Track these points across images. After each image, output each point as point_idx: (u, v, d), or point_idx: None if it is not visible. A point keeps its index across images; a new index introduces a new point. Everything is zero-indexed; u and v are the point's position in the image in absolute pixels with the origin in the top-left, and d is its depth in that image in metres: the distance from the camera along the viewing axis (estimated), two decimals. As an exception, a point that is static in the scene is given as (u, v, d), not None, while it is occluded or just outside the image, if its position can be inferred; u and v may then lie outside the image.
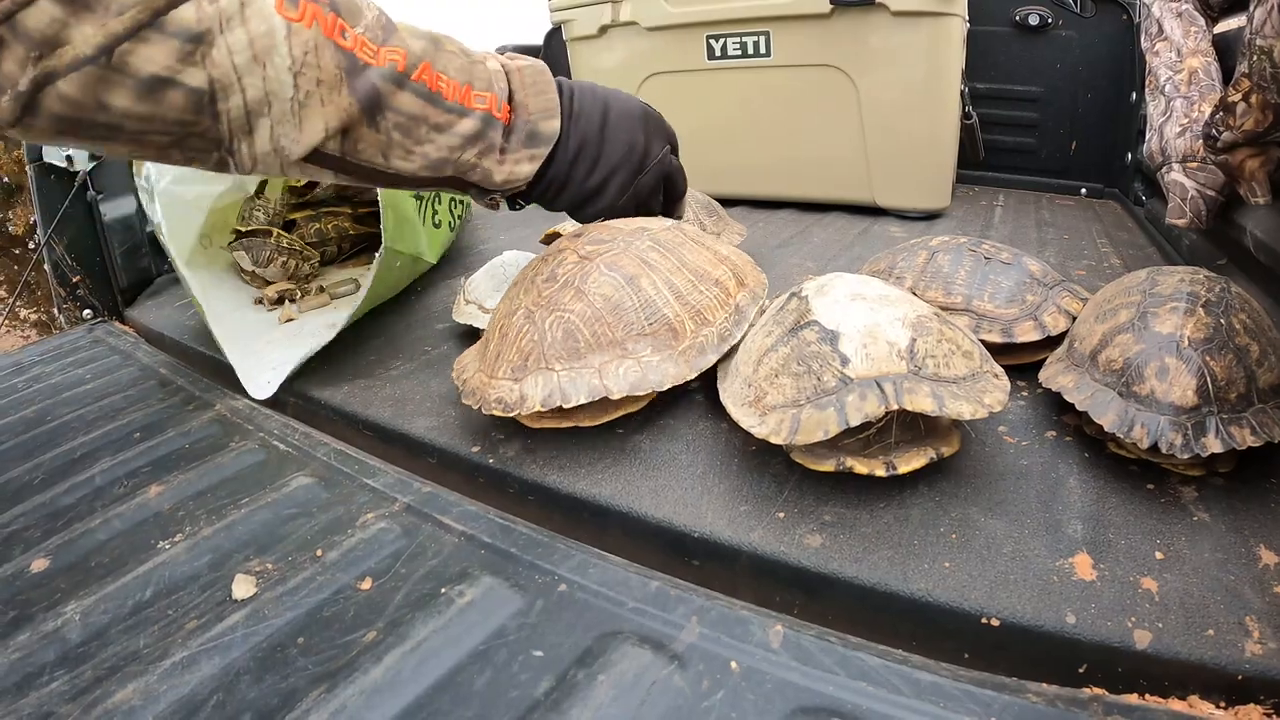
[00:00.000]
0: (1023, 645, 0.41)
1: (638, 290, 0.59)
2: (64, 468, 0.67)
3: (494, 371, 0.59)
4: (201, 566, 0.51)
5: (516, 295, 0.63)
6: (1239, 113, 0.65)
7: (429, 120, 0.57)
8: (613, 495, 0.54)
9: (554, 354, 0.57)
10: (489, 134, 0.60)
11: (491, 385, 0.58)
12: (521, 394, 0.56)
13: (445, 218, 1.06)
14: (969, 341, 0.53)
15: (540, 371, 0.57)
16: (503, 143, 0.61)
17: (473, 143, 0.59)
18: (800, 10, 1.24)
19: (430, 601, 0.45)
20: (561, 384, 0.56)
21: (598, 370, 0.57)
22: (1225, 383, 0.48)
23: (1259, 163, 0.69)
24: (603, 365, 0.57)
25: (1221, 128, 0.68)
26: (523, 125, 0.62)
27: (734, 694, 0.37)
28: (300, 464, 0.62)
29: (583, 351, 0.57)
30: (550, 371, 0.57)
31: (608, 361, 0.57)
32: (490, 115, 0.60)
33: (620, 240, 0.63)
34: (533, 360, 0.57)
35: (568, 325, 0.58)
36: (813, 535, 0.48)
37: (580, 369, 0.57)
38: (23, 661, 0.43)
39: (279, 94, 0.49)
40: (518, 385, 0.57)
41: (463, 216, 1.18)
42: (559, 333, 0.57)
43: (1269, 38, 0.57)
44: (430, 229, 0.99)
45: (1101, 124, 1.53)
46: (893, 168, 1.30)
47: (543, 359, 0.57)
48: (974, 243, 0.71)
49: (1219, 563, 0.43)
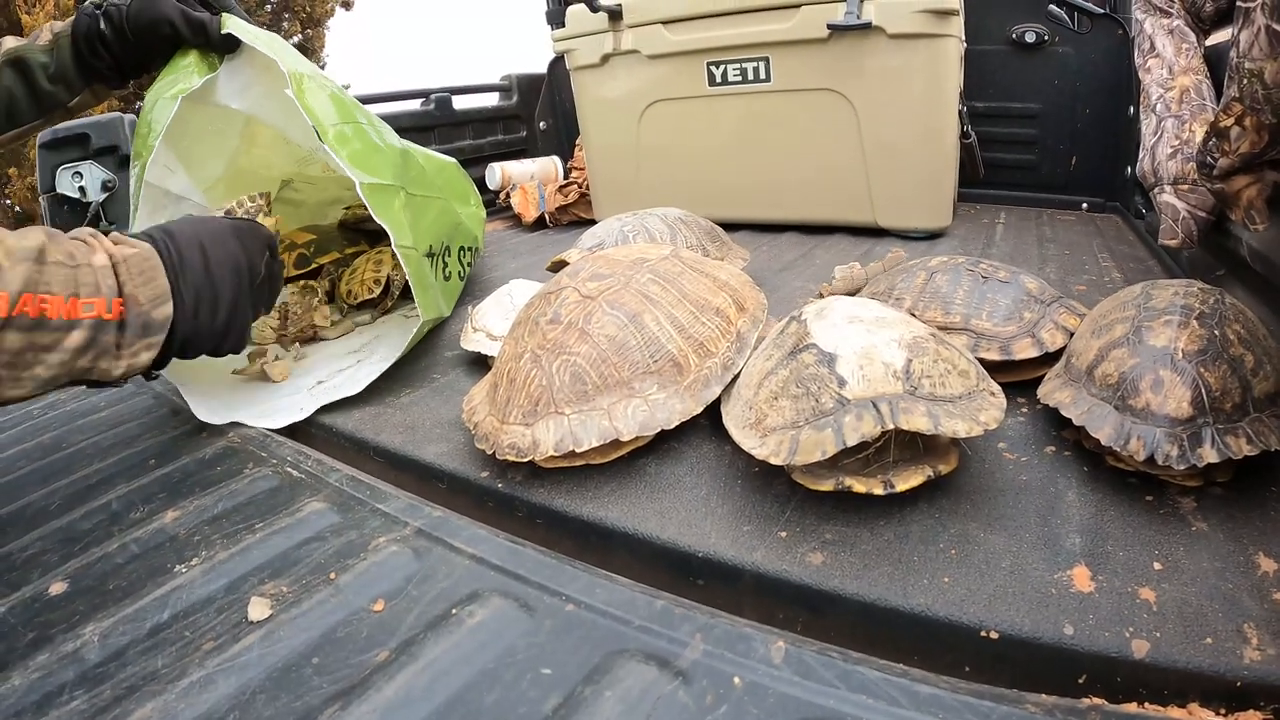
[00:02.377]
0: (1022, 657, 0.41)
1: (641, 328, 0.61)
2: (80, 493, 0.68)
3: (505, 416, 0.60)
4: (218, 589, 0.52)
5: (521, 337, 0.63)
6: (1234, 137, 0.66)
7: (35, 345, 0.55)
8: (619, 518, 0.55)
9: (563, 398, 0.58)
10: (100, 339, 0.59)
11: (504, 431, 0.59)
12: (534, 440, 0.58)
13: (455, 268, 1.07)
14: (965, 361, 0.54)
15: (551, 416, 0.58)
16: (118, 339, 0.60)
17: (83, 352, 0.58)
18: (799, 36, 1.27)
19: (441, 622, 0.46)
20: (573, 429, 0.57)
21: (607, 411, 0.58)
22: (1220, 393, 0.49)
23: (1256, 190, 0.70)
24: (611, 406, 0.58)
25: (1216, 154, 0.69)
26: (136, 319, 0.61)
27: (737, 708, 0.37)
28: (313, 490, 0.63)
29: (590, 394, 0.58)
30: (560, 416, 0.58)
31: (616, 402, 0.58)
32: (100, 320, 0.58)
33: (620, 275, 0.64)
34: (542, 405, 0.58)
35: (575, 369, 0.59)
36: (814, 553, 0.48)
37: (589, 411, 0.58)
38: (43, 681, 0.44)
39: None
40: (529, 431, 0.58)
41: (471, 264, 1.19)
42: (566, 376, 0.59)
43: (1258, 60, 0.58)
44: (442, 283, 1.00)
45: (1101, 139, 1.54)
46: (894, 188, 1.32)
47: (552, 403, 0.58)
48: (972, 262, 0.72)
49: (1217, 571, 0.44)
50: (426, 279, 0.88)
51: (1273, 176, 0.69)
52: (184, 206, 0.92)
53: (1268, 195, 0.71)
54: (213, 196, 0.94)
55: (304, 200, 1.18)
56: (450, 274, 1.05)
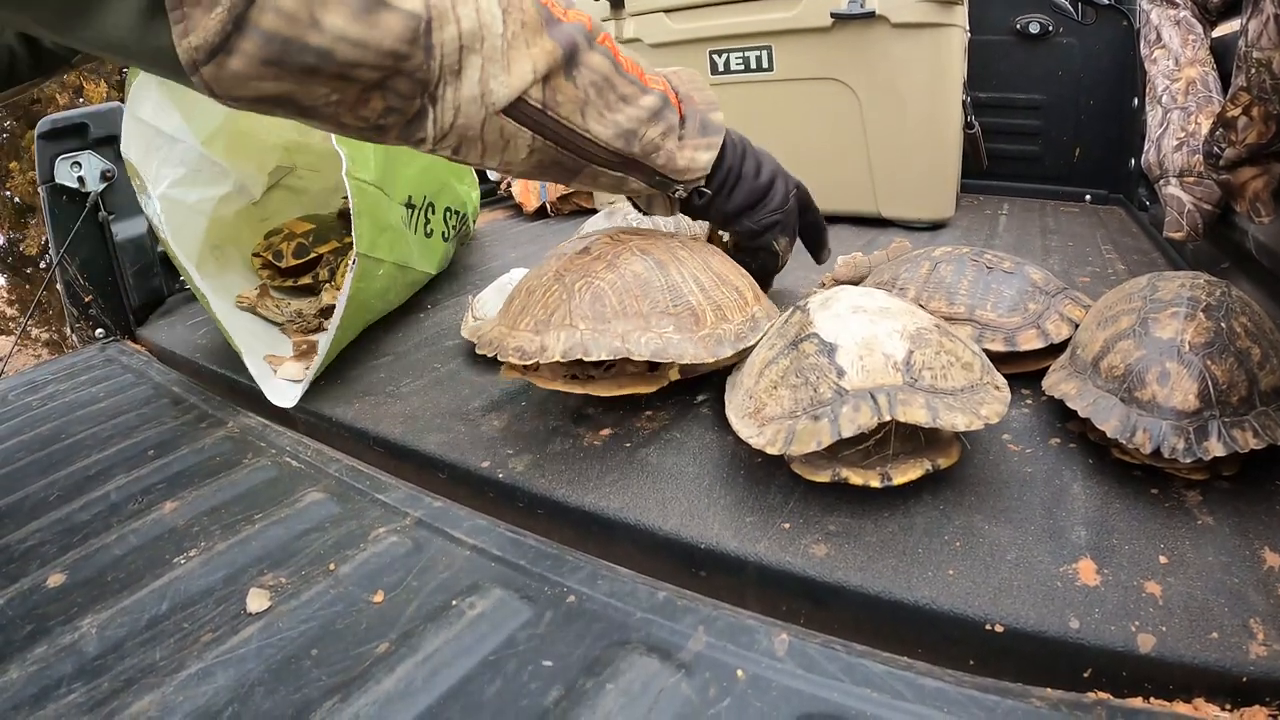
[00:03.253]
0: (1027, 651, 0.41)
1: (666, 274, 0.61)
2: (79, 484, 0.68)
3: (516, 324, 0.59)
4: (216, 581, 0.51)
5: (546, 264, 0.64)
6: (1240, 127, 0.65)
7: (615, 88, 0.56)
8: (620, 508, 0.55)
9: (580, 313, 0.58)
10: (667, 114, 0.60)
11: (511, 335, 0.59)
12: (542, 344, 0.57)
13: (439, 227, 1.07)
14: (970, 353, 0.53)
15: (564, 327, 0.58)
16: (680, 128, 0.61)
17: (656, 119, 0.59)
18: (802, 24, 1.26)
19: (441, 613, 0.45)
20: (584, 339, 0.56)
21: (621, 335, 0.58)
22: (1227, 386, 0.48)
23: (1263, 183, 0.69)
24: (626, 332, 0.58)
25: (1223, 144, 0.68)
26: (694, 114, 0.62)
27: (740, 701, 0.37)
28: (313, 480, 0.63)
29: (608, 316, 0.58)
30: (574, 328, 0.57)
31: (631, 330, 0.58)
32: (666, 96, 0.60)
33: (652, 234, 0.66)
34: (557, 316, 0.58)
35: (596, 290, 0.59)
36: (818, 545, 0.48)
37: (604, 330, 0.57)
38: (41, 674, 0.44)
39: (491, 28, 0.47)
40: (539, 337, 0.58)
41: (458, 228, 1.19)
42: (587, 295, 0.59)
43: (1266, 49, 0.57)
44: (422, 239, 1.00)
45: (1105, 130, 1.53)
46: (897, 179, 1.31)
47: (568, 316, 0.58)
48: (976, 252, 0.71)
49: (1223, 565, 0.43)
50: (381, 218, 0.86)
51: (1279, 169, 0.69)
52: (178, 149, 0.92)
53: (1274, 188, 0.70)
54: (212, 148, 0.93)
55: (306, 188, 1.18)
56: (432, 232, 1.04)
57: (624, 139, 0.57)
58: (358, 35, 0.43)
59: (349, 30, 0.43)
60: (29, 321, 2.84)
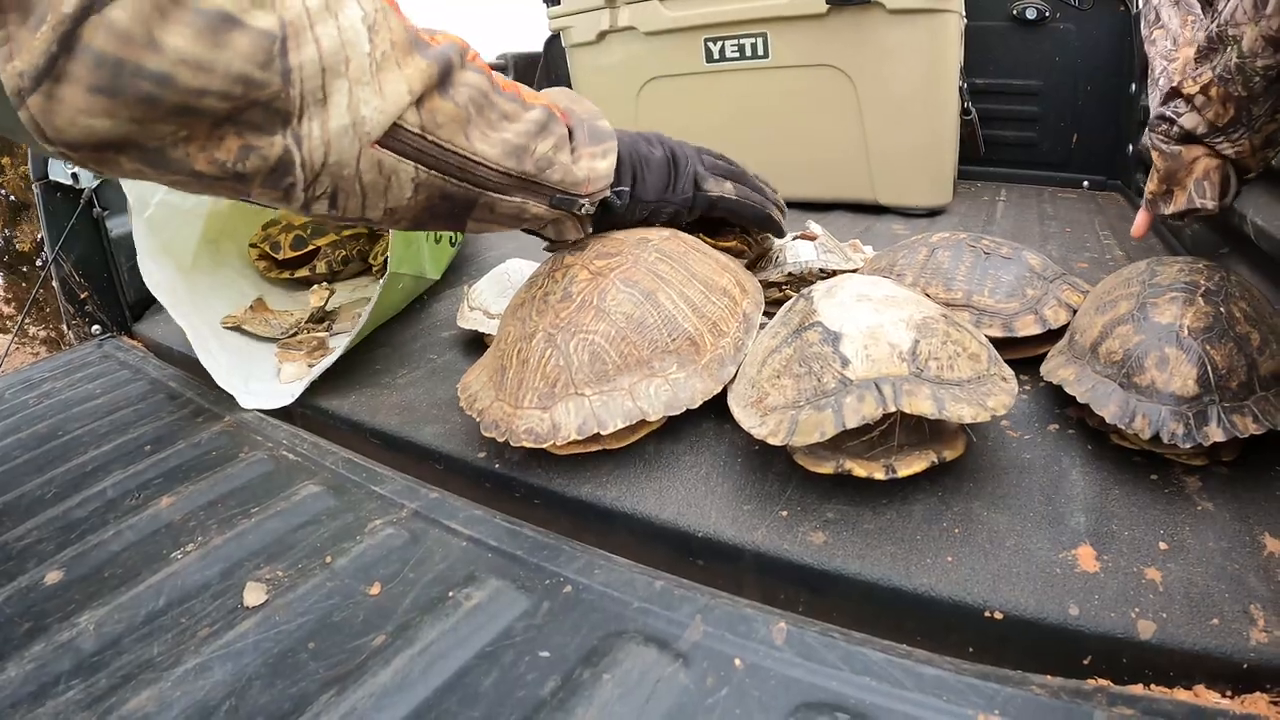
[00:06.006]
0: (1026, 638, 0.41)
1: (657, 306, 0.58)
2: (76, 481, 0.67)
3: (519, 401, 0.57)
4: (213, 575, 0.51)
5: (529, 316, 0.60)
6: (1198, 105, 0.64)
7: (496, 106, 0.52)
8: (617, 497, 0.54)
9: (583, 378, 0.55)
10: (554, 127, 0.56)
11: (518, 415, 0.56)
12: (554, 423, 0.54)
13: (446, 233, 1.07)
14: (977, 344, 0.53)
15: (570, 398, 0.55)
16: (570, 140, 0.58)
17: (544, 133, 0.55)
18: (797, 11, 1.25)
19: (438, 605, 0.45)
20: (595, 410, 0.54)
21: (629, 392, 0.55)
22: (1226, 371, 0.48)
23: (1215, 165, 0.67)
24: (633, 386, 0.56)
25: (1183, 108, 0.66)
26: (581, 124, 0.60)
27: (738, 690, 0.37)
28: (309, 473, 0.63)
29: (611, 374, 0.56)
30: (581, 397, 0.55)
31: (637, 382, 0.56)
32: (549, 110, 0.57)
33: (627, 252, 0.62)
34: (561, 386, 0.56)
35: (594, 347, 0.56)
36: (816, 533, 0.48)
37: (611, 392, 0.55)
38: (39, 671, 0.44)
39: (356, 46, 0.43)
40: (547, 414, 0.55)
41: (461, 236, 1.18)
42: (585, 355, 0.56)
43: (1240, 23, 0.56)
44: (431, 245, 1.00)
45: (1102, 116, 1.53)
46: (894, 165, 1.31)
47: (571, 384, 0.55)
48: (974, 238, 0.71)
49: (1223, 551, 0.43)
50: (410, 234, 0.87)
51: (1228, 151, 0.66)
52: None
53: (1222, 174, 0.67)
54: None
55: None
56: (441, 238, 1.04)
57: (514, 157, 0.54)
58: (201, 57, 0.38)
59: (191, 51, 0.38)
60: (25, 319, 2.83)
